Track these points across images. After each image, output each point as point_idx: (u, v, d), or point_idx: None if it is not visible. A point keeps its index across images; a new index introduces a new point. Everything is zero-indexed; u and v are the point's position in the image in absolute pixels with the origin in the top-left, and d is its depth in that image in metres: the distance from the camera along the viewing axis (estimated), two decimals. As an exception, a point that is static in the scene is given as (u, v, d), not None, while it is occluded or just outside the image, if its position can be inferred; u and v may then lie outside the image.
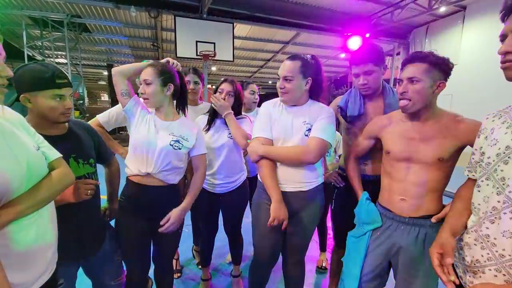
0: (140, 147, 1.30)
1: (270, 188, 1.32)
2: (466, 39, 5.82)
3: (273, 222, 1.27)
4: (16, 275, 0.73)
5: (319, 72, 1.37)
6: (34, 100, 1.04)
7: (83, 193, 1.10)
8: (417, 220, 1.16)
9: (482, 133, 0.90)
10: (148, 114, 1.36)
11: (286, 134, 1.36)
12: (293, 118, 1.36)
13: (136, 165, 1.31)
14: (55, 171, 0.87)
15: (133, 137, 1.34)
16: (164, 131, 1.33)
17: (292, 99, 1.36)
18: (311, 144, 1.29)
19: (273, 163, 1.37)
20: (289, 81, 1.32)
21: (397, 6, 5.72)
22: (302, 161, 1.32)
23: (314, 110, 1.37)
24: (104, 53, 9.11)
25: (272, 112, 1.41)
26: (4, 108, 0.80)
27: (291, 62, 1.33)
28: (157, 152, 1.29)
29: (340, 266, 1.75)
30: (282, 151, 1.34)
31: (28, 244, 0.76)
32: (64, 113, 1.11)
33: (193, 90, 2.00)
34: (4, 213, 0.69)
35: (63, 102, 1.09)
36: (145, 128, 1.32)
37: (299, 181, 1.37)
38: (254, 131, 1.44)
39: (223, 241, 2.00)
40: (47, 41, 6.56)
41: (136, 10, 5.11)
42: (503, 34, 0.76)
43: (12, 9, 5.47)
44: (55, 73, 1.05)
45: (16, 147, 0.75)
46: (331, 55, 9.62)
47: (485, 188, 0.82)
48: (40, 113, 1.06)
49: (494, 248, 0.78)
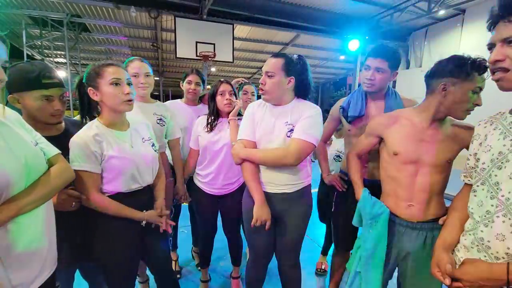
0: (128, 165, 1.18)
1: (252, 190, 1.34)
2: (465, 43, 5.85)
3: (256, 223, 1.29)
4: (15, 275, 0.73)
5: (304, 71, 1.35)
6: (22, 100, 1.03)
7: (67, 205, 1.07)
8: (425, 224, 1.16)
9: (475, 139, 0.92)
10: (103, 143, 1.13)
11: (268, 136, 1.35)
12: (276, 119, 1.34)
13: (126, 183, 1.19)
14: (54, 167, 0.87)
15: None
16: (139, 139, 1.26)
17: (273, 97, 1.34)
18: (291, 146, 1.26)
19: (256, 165, 1.36)
20: (270, 77, 1.30)
21: (396, 9, 5.75)
22: (282, 164, 1.30)
23: (298, 110, 1.33)
24: (104, 53, 9.08)
25: (256, 113, 1.40)
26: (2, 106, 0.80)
27: (274, 59, 1.32)
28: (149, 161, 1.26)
29: (341, 267, 1.76)
30: (262, 154, 1.33)
31: (27, 243, 0.76)
32: (54, 115, 1.09)
33: (194, 91, 2.00)
34: (5, 208, 0.69)
35: (51, 103, 1.07)
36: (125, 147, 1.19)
37: (282, 183, 1.36)
38: (238, 133, 1.44)
39: (223, 243, 1.99)
40: (46, 41, 6.55)
41: (136, 10, 5.10)
42: (491, 43, 0.77)
43: (12, 9, 5.44)
44: (42, 73, 1.03)
45: (14, 143, 0.76)
46: (330, 56, 9.63)
47: (481, 192, 0.84)
48: (30, 114, 1.05)
49: (489, 251, 0.80)
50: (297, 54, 1.38)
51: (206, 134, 1.70)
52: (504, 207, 0.75)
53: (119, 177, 1.15)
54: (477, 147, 0.89)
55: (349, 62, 9.65)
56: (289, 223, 1.41)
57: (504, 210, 0.75)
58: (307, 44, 8.18)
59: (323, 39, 7.39)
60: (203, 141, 1.71)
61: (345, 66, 10.81)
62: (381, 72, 1.40)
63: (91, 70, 1.12)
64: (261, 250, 1.50)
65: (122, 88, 1.12)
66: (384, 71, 1.39)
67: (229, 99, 1.68)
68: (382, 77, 1.41)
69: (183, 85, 2.03)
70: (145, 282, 1.91)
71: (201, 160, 1.76)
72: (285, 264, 1.52)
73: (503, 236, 0.75)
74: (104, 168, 1.13)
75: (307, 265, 2.32)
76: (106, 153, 1.11)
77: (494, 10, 0.75)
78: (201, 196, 1.77)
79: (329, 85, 13.84)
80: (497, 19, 0.74)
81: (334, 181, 1.66)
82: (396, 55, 1.41)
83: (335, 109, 1.68)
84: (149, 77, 1.67)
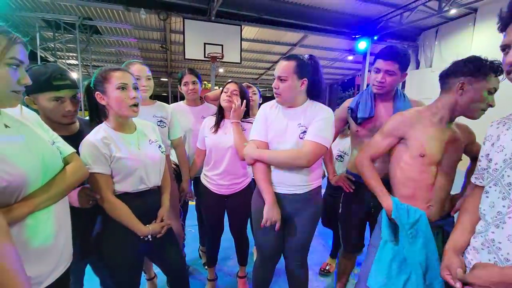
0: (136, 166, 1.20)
1: (263, 190, 1.34)
2: (477, 42, 5.73)
3: (266, 223, 1.29)
4: (33, 269, 0.76)
5: (316, 72, 1.34)
6: (37, 102, 1.09)
7: (85, 202, 1.11)
8: (440, 221, 1.19)
9: (487, 140, 0.90)
10: (111, 145, 1.14)
11: (280, 137, 1.34)
12: (288, 121, 1.34)
13: (134, 184, 1.20)
14: (70, 165, 0.90)
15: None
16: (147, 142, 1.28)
17: (287, 100, 1.34)
18: (304, 148, 1.26)
19: (267, 166, 1.37)
20: (283, 81, 1.30)
21: (406, 9, 5.68)
22: (294, 165, 1.30)
23: (311, 112, 1.33)
24: (114, 54, 9.27)
25: (268, 114, 1.41)
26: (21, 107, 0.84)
27: (286, 62, 1.30)
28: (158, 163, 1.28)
29: (348, 268, 1.75)
30: (275, 155, 1.33)
31: (44, 238, 0.79)
32: (66, 115, 1.13)
33: (193, 90, 1.99)
34: (23, 205, 0.73)
35: (63, 104, 1.11)
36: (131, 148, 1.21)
37: (294, 184, 1.36)
38: (250, 134, 1.44)
39: (229, 242, 2.00)
40: (59, 43, 6.73)
41: (145, 13, 5.20)
42: (505, 45, 0.76)
43: (26, 12, 5.62)
44: (52, 75, 1.07)
45: (32, 142, 0.79)
46: (338, 57, 9.57)
47: (493, 193, 0.83)
48: (44, 114, 1.10)
49: (500, 252, 0.78)
50: (308, 54, 1.37)
51: (213, 135, 1.72)
52: None
53: (127, 178, 1.17)
54: (489, 148, 0.88)
55: (357, 63, 9.58)
56: (298, 224, 1.41)
57: None
58: (315, 44, 8.15)
59: (331, 40, 7.36)
60: (209, 141, 1.73)
61: (353, 66, 10.73)
62: (391, 74, 1.39)
63: (98, 75, 1.13)
64: (269, 251, 1.50)
65: (128, 92, 1.13)
66: (394, 73, 1.38)
67: (229, 95, 1.69)
68: (392, 80, 1.40)
69: (181, 88, 2.02)
70: (151, 279, 1.94)
71: (208, 161, 1.78)
72: (292, 264, 1.52)
73: None
74: (113, 169, 1.15)
75: (312, 265, 2.31)
76: (114, 154, 1.13)
77: (504, 12, 0.74)
78: (208, 196, 1.78)
79: (337, 85, 13.75)
80: (509, 20, 0.74)
81: (341, 182, 1.65)
82: (406, 57, 1.40)
83: (341, 110, 1.66)
84: (150, 80, 1.68)
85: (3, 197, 0.69)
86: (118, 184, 1.17)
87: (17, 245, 0.71)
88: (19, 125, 0.79)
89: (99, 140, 1.10)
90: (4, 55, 0.68)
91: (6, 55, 0.69)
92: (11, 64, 0.70)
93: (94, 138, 1.11)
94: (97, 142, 1.10)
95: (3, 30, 0.69)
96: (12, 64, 0.71)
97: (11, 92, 0.72)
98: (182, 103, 2.11)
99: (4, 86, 0.70)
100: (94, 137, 1.11)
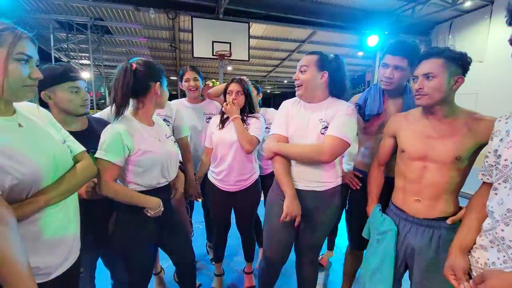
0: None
1: (284, 184, 1.33)
2: (493, 36, 5.50)
3: (285, 218, 1.28)
4: (43, 259, 0.80)
5: (339, 68, 1.34)
6: (54, 95, 1.14)
7: (94, 194, 1.16)
8: (432, 221, 1.13)
9: (495, 135, 0.88)
10: (135, 137, 1.17)
11: (302, 132, 1.35)
12: (310, 116, 1.35)
13: (157, 177, 1.26)
14: (79, 163, 0.93)
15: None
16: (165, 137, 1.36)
17: (308, 92, 1.34)
18: (325, 143, 1.26)
19: (287, 160, 1.36)
20: (303, 72, 1.32)
21: (418, 2, 5.52)
22: (315, 160, 1.29)
23: (332, 107, 1.33)
24: (125, 54, 9.41)
25: (290, 109, 1.41)
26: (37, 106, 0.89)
27: (309, 55, 1.35)
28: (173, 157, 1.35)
29: (355, 267, 1.74)
30: (295, 149, 1.33)
31: (54, 231, 0.83)
32: (83, 105, 1.20)
33: (194, 86, 2.01)
34: (34, 201, 0.76)
35: (80, 94, 1.19)
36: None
37: (314, 180, 1.35)
38: (271, 128, 1.45)
39: (236, 239, 2.02)
40: (72, 44, 6.89)
41: (155, 12, 5.25)
42: None
43: (40, 14, 5.78)
44: (67, 68, 1.16)
45: (44, 141, 0.82)
46: (348, 53, 9.40)
47: (502, 190, 0.80)
48: (61, 107, 1.16)
49: (510, 251, 0.76)
50: (334, 54, 1.38)
51: (218, 132, 1.74)
52: None
53: (152, 170, 1.21)
54: (498, 143, 0.85)
55: (367, 59, 9.39)
56: (316, 222, 1.40)
57: None
58: (324, 41, 8.04)
59: (340, 35, 7.23)
60: (215, 138, 1.75)
61: (364, 62, 10.54)
62: (400, 70, 1.35)
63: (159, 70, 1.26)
64: (277, 249, 1.47)
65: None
66: (403, 69, 1.35)
67: (234, 98, 1.71)
68: (401, 75, 1.37)
69: (183, 85, 2.03)
70: (158, 273, 1.98)
71: (214, 157, 1.79)
72: (304, 261, 1.52)
73: None
74: (136, 162, 1.16)
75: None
76: (138, 147, 1.15)
77: (510, 6, 0.72)
78: (215, 192, 1.80)
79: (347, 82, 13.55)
80: None
81: (348, 179, 1.64)
82: (416, 51, 1.35)
83: None
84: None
85: (15, 193, 0.73)
86: (140, 177, 1.19)
87: (27, 236, 0.74)
88: (33, 124, 0.82)
89: (125, 130, 1.13)
90: (12, 51, 0.70)
91: (14, 50, 0.71)
92: (19, 59, 0.73)
93: (120, 127, 1.13)
94: (122, 132, 1.12)
95: (8, 26, 0.71)
96: (21, 60, 0.73)
97: (24, 87, 0.75)
98: (183, 100, 2.13)
99: (16, 81, 0.73)
100: (120, 126, 1.13)
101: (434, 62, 1.06)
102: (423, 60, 1.10)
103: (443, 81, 1.05)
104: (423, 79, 1.08)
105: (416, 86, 1.10)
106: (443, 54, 1.05)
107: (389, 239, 1.21)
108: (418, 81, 1.10)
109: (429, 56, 1.08)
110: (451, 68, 1.04)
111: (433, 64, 1.06)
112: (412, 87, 1.15)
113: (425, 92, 1.08)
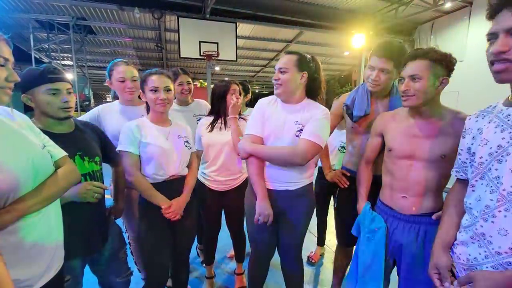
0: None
1: (255, 184, 1.35)
2: (473, 36, 5.72)
3: (259, 218, 1.31)
4: (23, 271, 0.76)
5: (316, 70, 1.37)
6: (33, 98, 1.10)
7: (90, 196, 1.13)
8: (418, 218, 1.16)
9: (467, 133, 0.91)
10: (142, 131, 1.41)
11: (277, 133, 1.35)
12: (286, 117, 1.35)
13: (153, 169, 1.41)
14: (61, 169, 0.89)
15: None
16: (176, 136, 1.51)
17: (287, 92, 1.35)
18: (299, 146, 1.27)
19: (261, 161, 1.37)
20: (284, 73, 1.32)
21: (401, 3, 5.67)
22: (289, 163, 1.31)
23: (308, 110, 1.34)
24: (109, 54, 9.20)
25: (266, 109, 1.41)
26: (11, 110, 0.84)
27: (287, 56, 1.35)
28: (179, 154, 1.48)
29: (344, 263, 1.76)
30: (270, 151, 1.34)
31: (35, 240, 0.79)
32: (62, 108, 1.13)
33: (189, 89, 1.99)
34: (13, 209, 0.72)
35: (59, 96, 1.12)
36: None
37: (286, 180, 1.37)
38: (246, 128, 1.45)
39: (227, 240, 2.02)
40: (53, 44, 6.67)
41: (140, 12, 5.15)
42: (492, 33, 0.74)
43: (19, 13, 5.56)
44: (46, 69, 1.10)
45: (22, 146, 0.79)
46: (334, 53, 9.55)
47: (480, 187, 0.82)
48: (41, 110, 1.11)
49: (491, 246, 0.78)
50: (310, 55, 1.39)
51: (208, 134, 1.73)
52: (506, 201, 0.74)
53: (150, 162, 1.39)
54: (471, 141, 0.87)
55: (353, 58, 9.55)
56: (292, 220, 1.42)
57: (507, 204, 0.74)
58: (311, 41, 8.13)
59: (326, 36, 7.33)
60: (205, 140, 1.74)
61: (350, 62, 10.71)
62: (386, 72, 1.37)
63: (142, 78, 1.42)
64: (263, 248, 1.51)
65: (158, 94, 1.37)
66: (389, 71, 1.36)
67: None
68: (387, 78, 1.38)
69: (175, 88, 1.96)
70: None
71: (205, 159, 1.78)
72: (287, 259, 1.53)
73: (506, 231, 0.74)
74: (140, 152, 1.39)
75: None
76: (143, 140, 1.37)
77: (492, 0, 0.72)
78: (205, 193, 1.79)
79: (334, 81, 13.72)
80: (500, 7, 0.72)
81: (336, 178, 1.66)
82: (402, 52, 1.35)
83: (337, 105, 1.65)
84: (135, 81, 1.65)
85: None
86: (142, 165, 1.41)
87: (6, 247, 0.70)
88: (8, 129, 0.78)
89: (135, 125, 1.39)
90: None
91: None
92: None
93: (132, 124, 1.40)
94: (133, 127, 1.38)
95: None
96: None
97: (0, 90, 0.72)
98: (173, 103, 2.09)
99: None
100: (132, 123, 1.40)
101: (419, 63, 1.08)
102: (409, 61, 1.11)
103: (429, 82, 1.07)
104: (409, 81, 1.10)
105: (403, 87, 1.12)
106: (428, 55, 1.07)
107: (379, 237, 1.23)
108: (404, 83, 1.12)
109: (415, 58, 1.10)
110: (437, 69, 1.07)
111: (418, 66, 1.08)
112: (399, 88, 1.18)
113: (411, 93, 1.10)
